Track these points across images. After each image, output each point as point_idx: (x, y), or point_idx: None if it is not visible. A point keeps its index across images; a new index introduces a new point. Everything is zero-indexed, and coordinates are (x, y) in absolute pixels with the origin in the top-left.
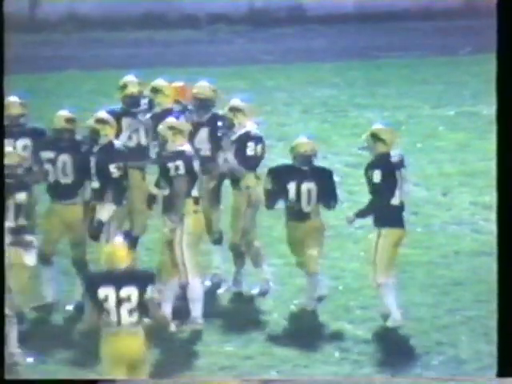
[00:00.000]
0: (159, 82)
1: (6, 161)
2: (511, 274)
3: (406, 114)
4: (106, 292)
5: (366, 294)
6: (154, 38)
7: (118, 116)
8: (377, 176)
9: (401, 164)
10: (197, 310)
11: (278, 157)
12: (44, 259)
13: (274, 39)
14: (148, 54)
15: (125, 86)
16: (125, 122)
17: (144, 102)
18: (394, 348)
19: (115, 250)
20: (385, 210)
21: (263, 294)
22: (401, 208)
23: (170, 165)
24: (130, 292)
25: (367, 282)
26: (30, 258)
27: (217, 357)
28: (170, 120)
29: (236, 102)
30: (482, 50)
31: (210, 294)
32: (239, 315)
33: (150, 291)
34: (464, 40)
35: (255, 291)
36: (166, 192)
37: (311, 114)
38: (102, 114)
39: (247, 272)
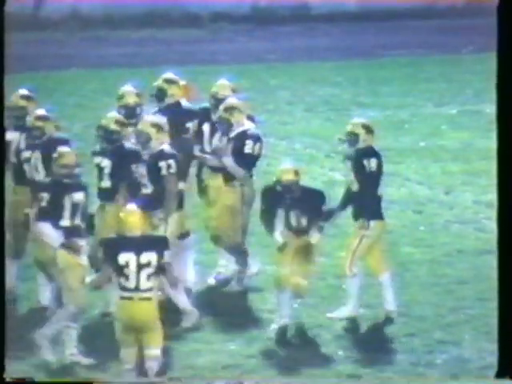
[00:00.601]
0: (171, 75)
1: (64, 161)
2: (511, 272)
3: (408, 112)
4: (126, 258)
5: (370, 292)
6: (157, 37)
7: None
8: (373, 164)
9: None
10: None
11: (281, 155)
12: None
13: (276, 38)
14: (151, 52)
15: (122, 96)
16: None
17: (140, 111)
18: (396, 347)
19: (130, 216)
20: (375, 201)
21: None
22: (381, 199)
23: (162, 163)
24: (150, 257)
25: (372, 281)
26: (84, 259)
27: (219, 355)
28: (151, 117)
29: (231, 100)
30: (485, 48)
31: (214, 293)
32: (242, 314)
33: (167, 256)
34: (466, 39)
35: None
36: (149, 190)
37: (314, 112)
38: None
39: (250, 270)
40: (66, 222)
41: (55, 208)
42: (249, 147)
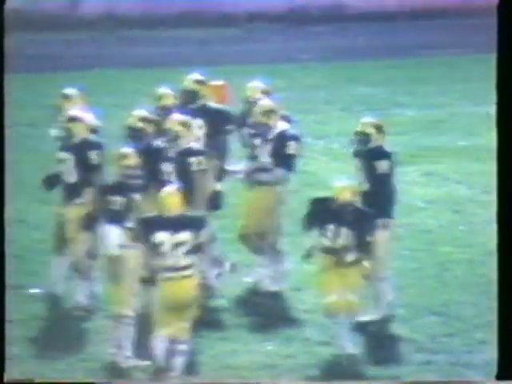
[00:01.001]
0: (198, 76)
1: (128, 162)
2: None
3: (446, 111)
4: (162, 237)
5: (408, 292)
6: (192, 37)
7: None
8: (385, 165)
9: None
10: None
11: (318, 155)
12: None
13: (312, 37)
14: (186, 52)
15: (160, 98)
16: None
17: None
18: (435, 347)
19: (169, 197)
20: (389, 200)
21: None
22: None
23: (192, 159)
24: (185, 236)
25: (410, 281)
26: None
27: (256, 355)
28: (178, 116)
29: (266, 103)
30: None
31: (251, 293)
32: (278, 313)
33: (203, 235)
34: None
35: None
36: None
37: (350, 112)
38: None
39: (285, 270)
40: (130, 223)
41: (125, 210)
42: (292, 148)
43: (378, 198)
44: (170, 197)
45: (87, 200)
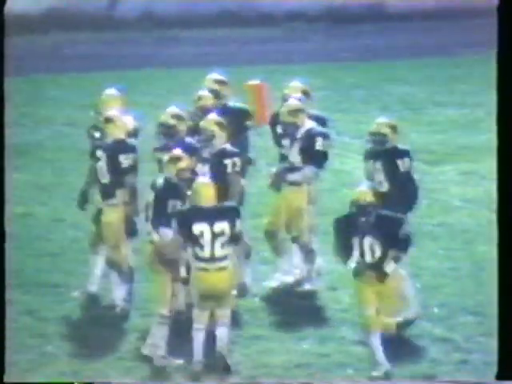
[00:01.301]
0: (218, 76)
1: (183, 164)
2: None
3: (485, 110)
4: (200, 228)
5: (444, 291)
6: (231, 36)
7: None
8: (406, 164)
9: None
10: None
11: (354, 154)
12: None
13: (352, 36)
14: (224, 52)
15: (200, 99)
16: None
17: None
18: (472, 346)
19: (204, 188)
20: (403, 199)
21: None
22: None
23: (228, 161)
24: (223, 226)
25: (446, 280)
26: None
27: (292, 354)
28: (214, 116)
29: (293, 102)
30: None
31: (286, 292)
32: (314, 313)
33: (239, 224)
34: None
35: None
36: None
37: (389, 111)
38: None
39: (320, 269)
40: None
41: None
42: (319, 144)
43: (401, 197)
44: (205, 188)
45: (120, 201)
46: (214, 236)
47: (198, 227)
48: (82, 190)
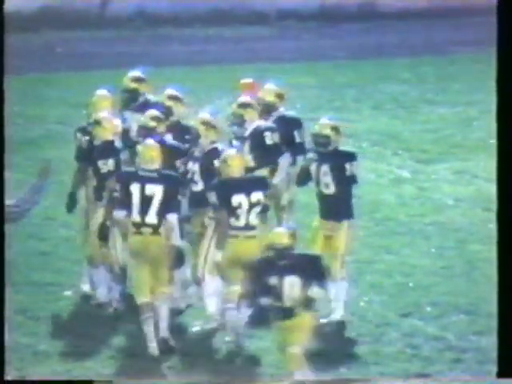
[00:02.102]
0: (138, 73)
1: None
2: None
3: (477, 109)
4: (239, 199)
5: (437, 290)
6: (223, 35)
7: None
8: (351, 166)
9: None
10: (211, 306)
11: None
12: None
13: (344, 35)
14: (216, 50)
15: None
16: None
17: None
18: (464, 345)
19: (234, 159)
20: (348, 202)
21: None
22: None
23: (217, 162)
24: (258, 196)
25: (438, 279)
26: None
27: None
28: (204, 115)
29: (242, 98)
30: None
31: None
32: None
33: (269, 195)
34: None
35: None
36: (199, 188)
37: (382, 110)
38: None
39: None
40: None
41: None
42: (269, 139)
43: (344, 200)
44: (235, 159)
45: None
46: (251, 206)
47: (237, 198)
48: (70, 193)
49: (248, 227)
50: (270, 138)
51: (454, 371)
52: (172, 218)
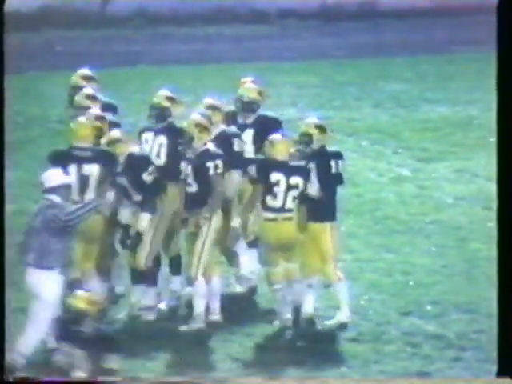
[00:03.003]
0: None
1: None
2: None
3: (478, 108)
4: (278, 177)
5: (437, 289)
6: (224, 34)
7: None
8: (336, 166)
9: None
10: (199, 306)
11: (348, 152)
12: None
13: (344, 34)
14: (217, 49)
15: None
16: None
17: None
18: (464, 343)
19: (280, 143)
20: (332, 203)
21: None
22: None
23: (210, 164)
24: (298, 181)
25: (438, 278)
26: None
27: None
28: (196, 117)
29: (210, 100)
30: None
31: None
32: None
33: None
34: None
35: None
36: (194, 189)
37: (382, 108)
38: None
39: None
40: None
41: None
42: (237, 144)
43: (328, 200)
44: (281, 143)
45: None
46: (289, 187)
47: (276, 176)
48: None
49: (285, 209)
50: (238, 145)
51: (454, 370)
52: (110, 196)
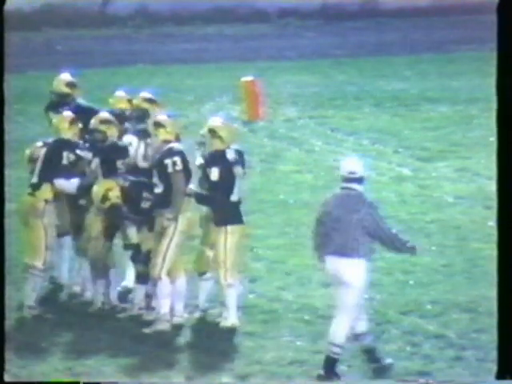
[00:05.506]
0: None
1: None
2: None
3: (478, 107)
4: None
5: (437, 288)
6: (224, 33)
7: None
8: (214, 174)
9: (237, 161)
10: (164, 307)
11: (348, 151)
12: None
13: (344, 33)
14: (217, 48)
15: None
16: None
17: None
18: (464, 342)
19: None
20: (226, 207)
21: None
22: (239, 204)
23: (167, 161)
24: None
25: (439, 277)
26: None
27: (286, 351)
28: (159, 117)
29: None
30: None
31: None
32: (308, 310)
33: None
34: None
35: None
36: (160, 189)
37: (382, 107)
38: (105, 114)
39: None
40: None
41: None
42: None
43: (224, 204)
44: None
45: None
46: None
47: None
48: None
49: None
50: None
51: (454, 369)
52: (58, 182)
